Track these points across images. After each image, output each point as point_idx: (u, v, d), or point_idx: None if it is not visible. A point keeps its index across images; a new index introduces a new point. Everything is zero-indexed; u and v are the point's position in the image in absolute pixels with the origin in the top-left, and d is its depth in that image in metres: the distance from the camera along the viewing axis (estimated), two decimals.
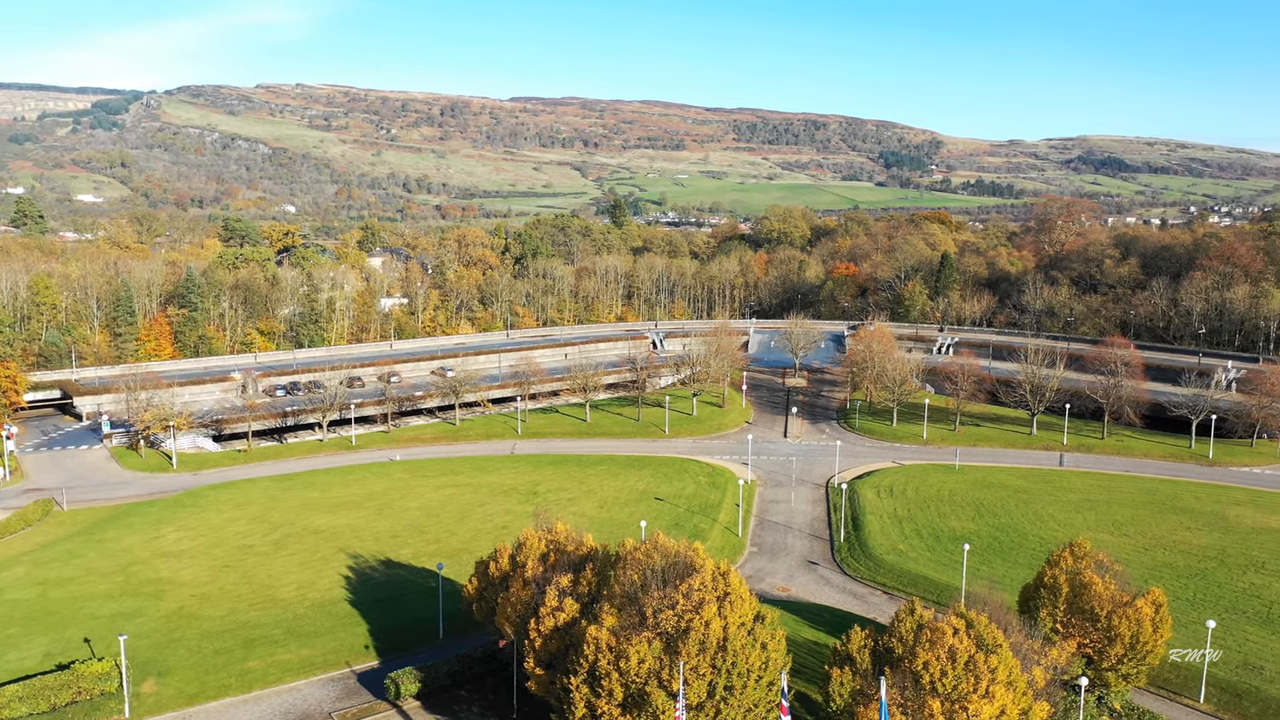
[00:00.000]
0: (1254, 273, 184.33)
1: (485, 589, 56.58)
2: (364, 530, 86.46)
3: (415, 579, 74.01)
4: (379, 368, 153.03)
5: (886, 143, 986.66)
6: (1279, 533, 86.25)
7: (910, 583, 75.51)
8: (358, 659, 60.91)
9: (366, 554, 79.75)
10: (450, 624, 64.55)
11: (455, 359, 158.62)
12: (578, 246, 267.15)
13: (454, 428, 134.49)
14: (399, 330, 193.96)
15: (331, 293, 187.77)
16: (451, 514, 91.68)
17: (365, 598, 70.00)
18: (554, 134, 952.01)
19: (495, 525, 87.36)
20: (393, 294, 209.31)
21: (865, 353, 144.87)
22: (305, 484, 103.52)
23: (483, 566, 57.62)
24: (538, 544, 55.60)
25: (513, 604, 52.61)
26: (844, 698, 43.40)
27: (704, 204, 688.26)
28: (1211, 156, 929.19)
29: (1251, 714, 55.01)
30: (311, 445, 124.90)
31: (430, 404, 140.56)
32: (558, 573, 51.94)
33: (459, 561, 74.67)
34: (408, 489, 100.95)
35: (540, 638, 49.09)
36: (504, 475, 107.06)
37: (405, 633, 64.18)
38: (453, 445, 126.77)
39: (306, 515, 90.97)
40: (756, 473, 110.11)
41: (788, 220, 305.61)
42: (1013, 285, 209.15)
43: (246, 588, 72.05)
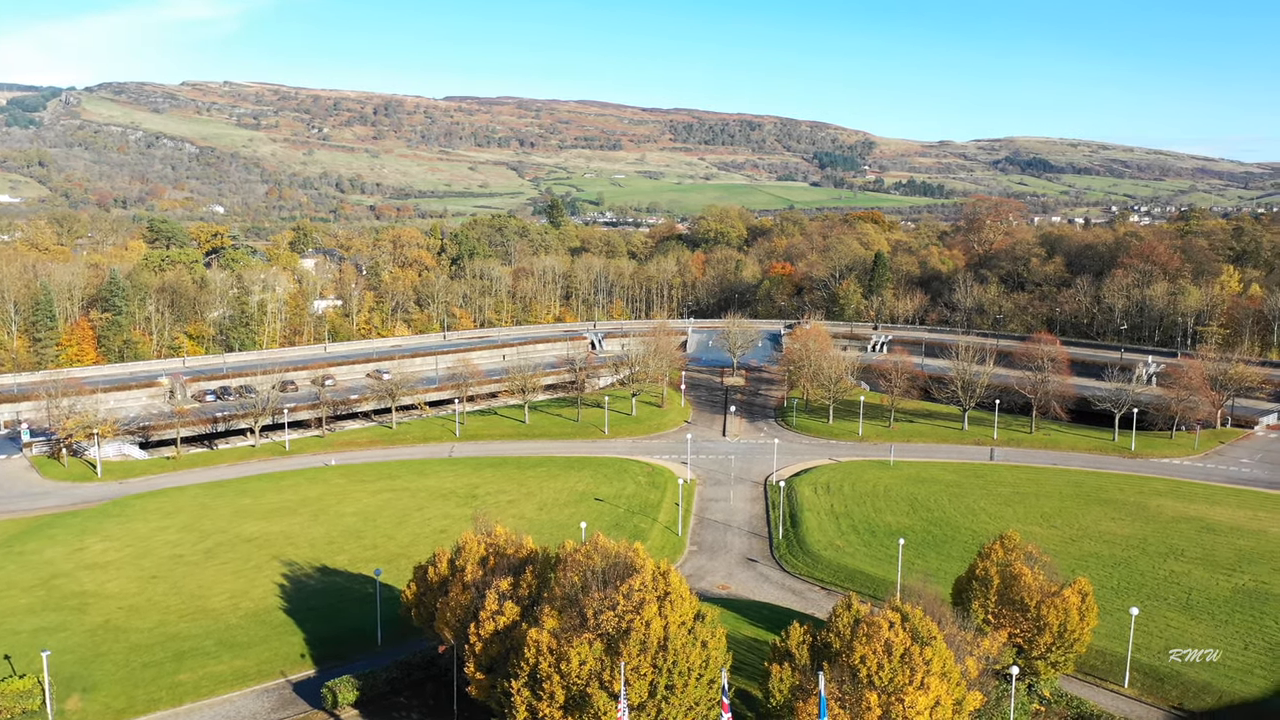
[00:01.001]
0: (1171, 270, 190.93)
1: (424, 594, 55.99)
2: (299, 537, 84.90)
3: (352, 585, 72.89)
4: (313, 371, 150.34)
5: (820, 143, 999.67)
6: (1197, 522, 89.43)
7: (847, 578, 76.63)
8: (293, 668, 59.80)
9: (301, 561, 78.33)
10: (389, 630, 63.74)
11: (391, 361, 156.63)
12: (515, 247, 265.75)
13: (391, 431, 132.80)
14: (333, 333, 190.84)
15: (263, 295, 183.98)
16: (389, 519, 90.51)
17: (300, 606, 68.74)
18: (490, 133, 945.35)
19: (434, 529, 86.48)
20: (326, 296, 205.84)
21: (802, 351, 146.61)
22: (237, 491, 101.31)
23: (421, 571, 57.02)
24: (477, 547, 55.22)
25: (452, 609, 52.17)
26: (783, 693, 43.89)
27: (641, 204, 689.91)
28: (1131, 158, 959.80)
29: (1172, 697, 56.98)
30: (243, 451, 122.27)
31: (366, 407, 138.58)
32: (497, 576, 51.65)
33: (397, 567, 73.76)
34: (344, 494, 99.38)
35: (480, 642, 48.76)
36: (442, 478, 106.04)
37: (342, 640, 63.20)
38: (389, 449, 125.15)
39: (239, 523, 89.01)
40: (696, 472, 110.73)
41: (724, 220, 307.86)
42: (944, 284, 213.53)
43: (176, 598, 70.25)
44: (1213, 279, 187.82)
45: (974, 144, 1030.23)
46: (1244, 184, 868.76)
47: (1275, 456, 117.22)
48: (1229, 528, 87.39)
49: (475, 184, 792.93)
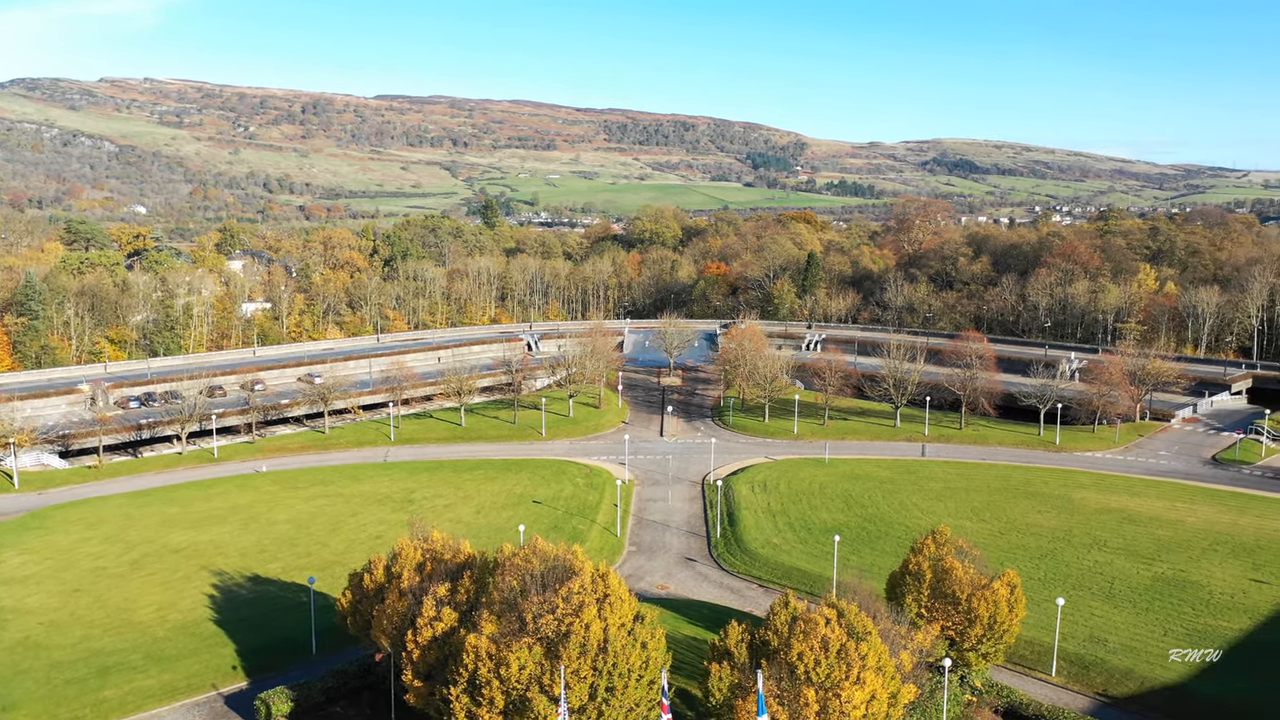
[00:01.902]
0: (1092, 269, 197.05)
1: (360, 602, 55.17)
2: (229, 546, 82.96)
3: (285, 594, 71.49)
4: (242, 376, 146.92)
5: (753, 144, 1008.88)
6: (1118, 513, 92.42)
7: (785, 575, 77.52)
8: (225, 681, 58.44)
9: (232, 571, 76.56)
10: (324, 639, 62.67)
11: (323, 365, 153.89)
12: (449, 248, 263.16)
13: (323, 436, 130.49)
14: (263, 336, 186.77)
15: (188, 298, 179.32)
16: (322, 525, 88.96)
17: (232, 616, 67.19)
18: (422, 133, 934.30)
19: (369, 536, 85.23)
20: (255, 298, 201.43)
21: (737, 351, 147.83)
22: (164, 499, 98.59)
23: (357, 579, 56.18)
24: (413, 553, 54.61)
25: (389, 616, 51.50)
26: (723, 692, 44.24)
27: (576, 204, 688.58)
28: (1053, 159, 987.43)
29: (1097, 684, 58.82)
30: (170, 459, 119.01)
31: (298, 412, 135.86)
32: (435, 582, 51.14)
33: (332, 574, 72.53)
34: (275, 501, 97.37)
35: (418, 649, 48.23)
36: (377, 483, 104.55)
37: (276, 651, 61.94)
38: (323, 454, 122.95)
39: (165, 533, 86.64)
40: (634, 472, 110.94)
41: (659, 221, 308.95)
42: (875, 283, 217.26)
43: (100, 612, 68.12)
44: (1131, 277, 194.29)
45: (903, 145, 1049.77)
46: (1159, 185, 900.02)
47: (1191, 449, 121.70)
48: (1148, 518, 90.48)
49: (408, 184, 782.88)
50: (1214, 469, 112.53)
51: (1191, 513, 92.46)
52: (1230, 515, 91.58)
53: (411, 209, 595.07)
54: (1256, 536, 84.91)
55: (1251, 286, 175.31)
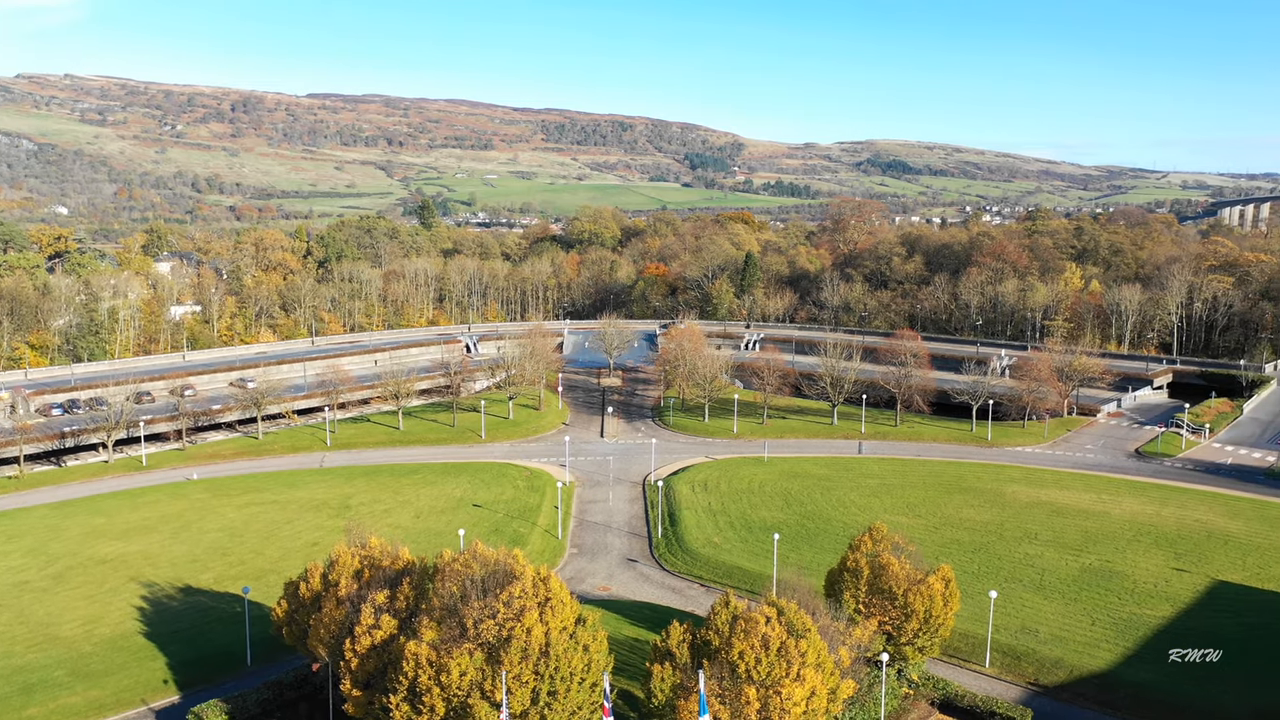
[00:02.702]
0: (1021, 268, 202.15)
1: (296, 611, 54.21)
2: (159, 556, 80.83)
3: (219, 605, 69.91)
4: (171, 381, 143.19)
5: (691, 144, 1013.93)
6: (1048, 506, 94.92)
7: (726, 574, 78.07)
8: (155, 695, 56.92)
9: (162, 582, 74.61)
10: (259, 650, 61.43)
11: (256, 369, 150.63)
12: (385, 249, 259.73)
13: (257, 442, 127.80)
14: (192, 340, 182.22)
15: (113, 301, 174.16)
16: (256, 534, 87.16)
17: (162, 629, 65.48)
18: (356, 132, 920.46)
19: (305, 543, 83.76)
20: (184, 301, 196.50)
21: (677, 351, 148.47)
22: (89, 510, 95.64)
23: (293, 587, 55.20)
24: (351, 560, 53.82)
25: (326, 625, 50.69)
26: (665, 693, 44.40)
27: (514, 204, 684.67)
28: (983, 160, 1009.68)
29: (1029, 673, 60.35)
30: (96, 468, 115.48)
31: (230, 418, 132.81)
32: (373, 589, 50.47)
33: (267, 583, 71.14)
34: (207, 509, 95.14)
35: (357, 658, 47.56)
36: (313, 490, 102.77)
37: (209, 663, 60.54)
38: (256, 460, 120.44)
39: (91, 544, 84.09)
40: (575, 474, 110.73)
41: (598, 221, 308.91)
42: (812, 282, 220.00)
43: (22, 628, 65.86)
44: (1057, 276, 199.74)
45: (838, 146, 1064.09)
46: (1083, 185, 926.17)
47: (1115, 442, 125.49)
48: (1076, 511, 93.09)
49: (342, 184, 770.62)
50: (1137, 462, 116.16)
51: (1116, 505, 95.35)
52: (1153, 506, 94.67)
53: (346, 209, 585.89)
54: (1177, 527, 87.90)
55: (1171, 284, 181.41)
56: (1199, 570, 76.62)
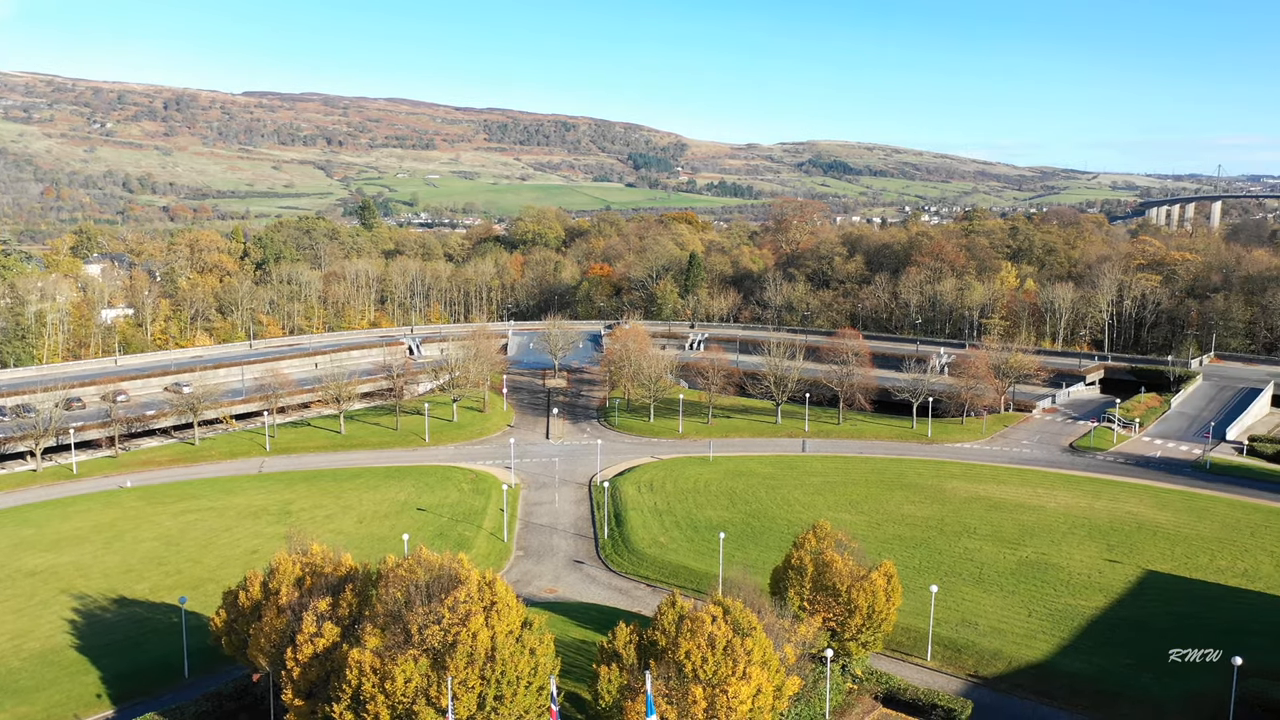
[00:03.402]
0: (958, 268, 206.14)
1: (235, 620, 53.14)
2: (91, 567, 78.62)
3: (154, 616, 68.21)
4: (102, 386, 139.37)
5: (634, 145, 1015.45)
6: (986, 501, 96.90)
7: (672, 574, 78.33)
8: (89, 710, 55.37)
9: (95, 593, 72.59)
10: (197, 661, 60.10)
11: (192, 373, 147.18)
12: (325, 250, 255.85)
13: (193, 448, 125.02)
14: (125, 344, 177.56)
15: (41, 305, 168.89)
16: (193, 542, 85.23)
17: (95, 642, 63.70)
18: (294, 131, 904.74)
19: (244, 551, 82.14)
20: (116, 305, 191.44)
21: (622, 351, 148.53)
22: (17, 520, 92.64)
23: (231, 596, 54.09)
24: (292, 568, 52.93)
25: (266, 634, 49.78)
26: (612, 694, 44.40)
27: (457, 205, 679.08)
28: (921, 161, 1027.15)
29: (969, 665, 61.54)
30: (23, 477, 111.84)
31: (165, 423, 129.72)
32: (315, 596, 49.70)
33: (204, 593, 69.63)
34: (142, 518, 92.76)
35: (299, 667, 46.79)
36: (252, 496, 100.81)
37: (145, 675, 59.06)
38: (193, 467, 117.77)
39: (19, 556, 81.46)
40: (520, 476, 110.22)
41: (542, 221, 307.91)
42: (755, 282, 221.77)
43: None
44: (993, 275, 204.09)
45: (779, 147, 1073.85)
46: (1018, 186, 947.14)
47: (1050, 437, 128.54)
48: (1013, 505, 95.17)
49: (280, 184, 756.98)
50: (1071, 456, 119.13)
51: (1052, 498, 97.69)
52: (1086, 500, 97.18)
53: (284, 210, 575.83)
54: (1110, 519, 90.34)
55: (1102, 283, 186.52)
56: (1130, 561, 78.85)
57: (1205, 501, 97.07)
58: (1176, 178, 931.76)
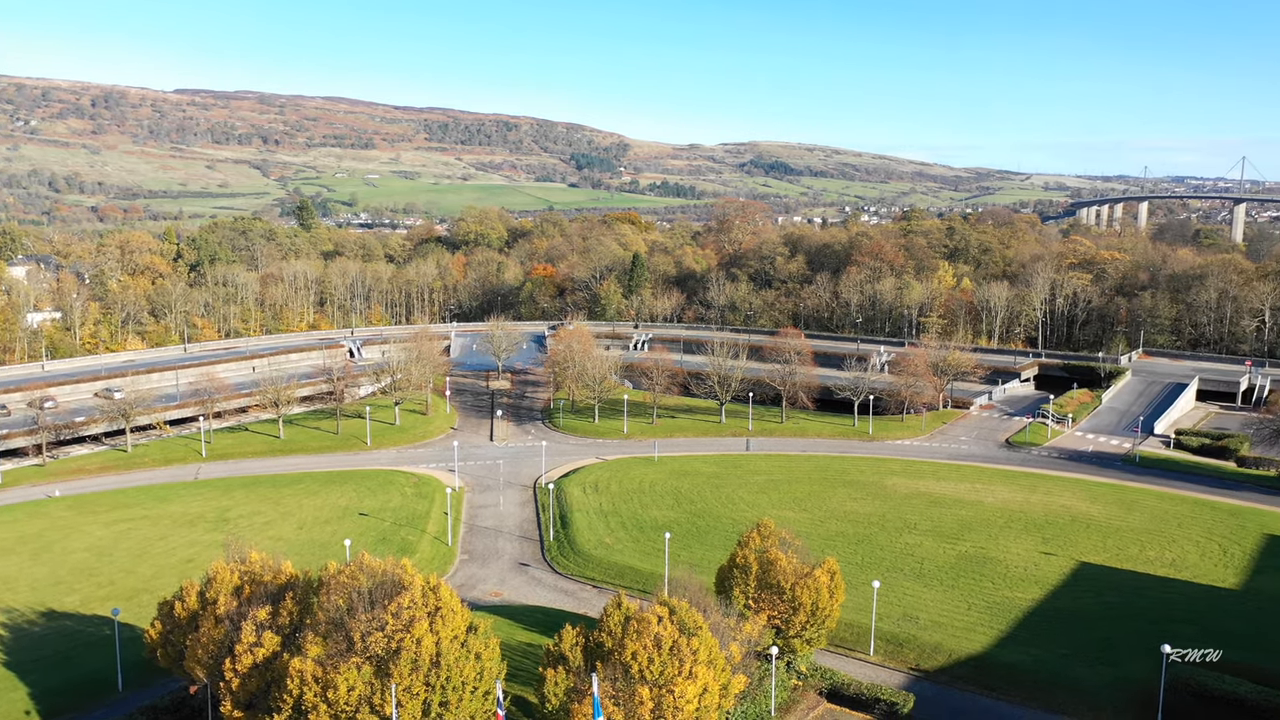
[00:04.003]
0: (897, 267, 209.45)
1: (171, 631, 51.88)
2: (17, 580, 76.10)
3: (86, 629, 66.30)
4: (28, 393, 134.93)
5: (577, 145, 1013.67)
6: (926, 497, 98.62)
7: (618, 575, 78.34)
8: None
9: (22, 607, 70.29)
10: (131, 674, 58.55)
11: (124, 378, 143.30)
12: (262, 251, 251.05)
13: (126, 455, 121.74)
14: (52, 349, 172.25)
15: None
16: (127, 552, 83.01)
17: (23, 657, 61.70)
18: (229, 130, 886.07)
19: (180, 560, 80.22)
20: (42, 308, 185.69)
21: (566, 352, 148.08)
22: None
23: (167, 607, 52.79)
24: (230, 576, 51.85)
25: (204, 644, 48.69)
26: (559, 697, 44.28)
27: (398, 205, 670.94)
28: (860, 162, 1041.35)
29: (911, 659, 62.57)
30: None
31: (96, 430, 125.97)
32: (254, 605, 48.74)
33: (139, 604, 67.90)
34: (71, 528, 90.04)
35: (238, 677, 45.85)
36: (188, 503, 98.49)
37: (77, 690, 57.39)
38: (125, 474, 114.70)
39: None
40: (464, 479, 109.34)
41: (484, 222, 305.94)
42: (699, 282, 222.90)
43: None
44: (931, 274, 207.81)
45: (721, 147, 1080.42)
46: (954, 186, 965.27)
47: (987, 433, 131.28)
48: (952, 500, 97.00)
49: (214, 184, 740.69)
50: (1007, 451, 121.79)
51: (989, 493, 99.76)
52: (1022, 494, 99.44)
53: (219, 210, 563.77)
54: (1045, 512, 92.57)
55: (1035, 282, 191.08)
56: (1064, 553, 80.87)
57: (1135, 494, 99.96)
58: (1105, 179, 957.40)
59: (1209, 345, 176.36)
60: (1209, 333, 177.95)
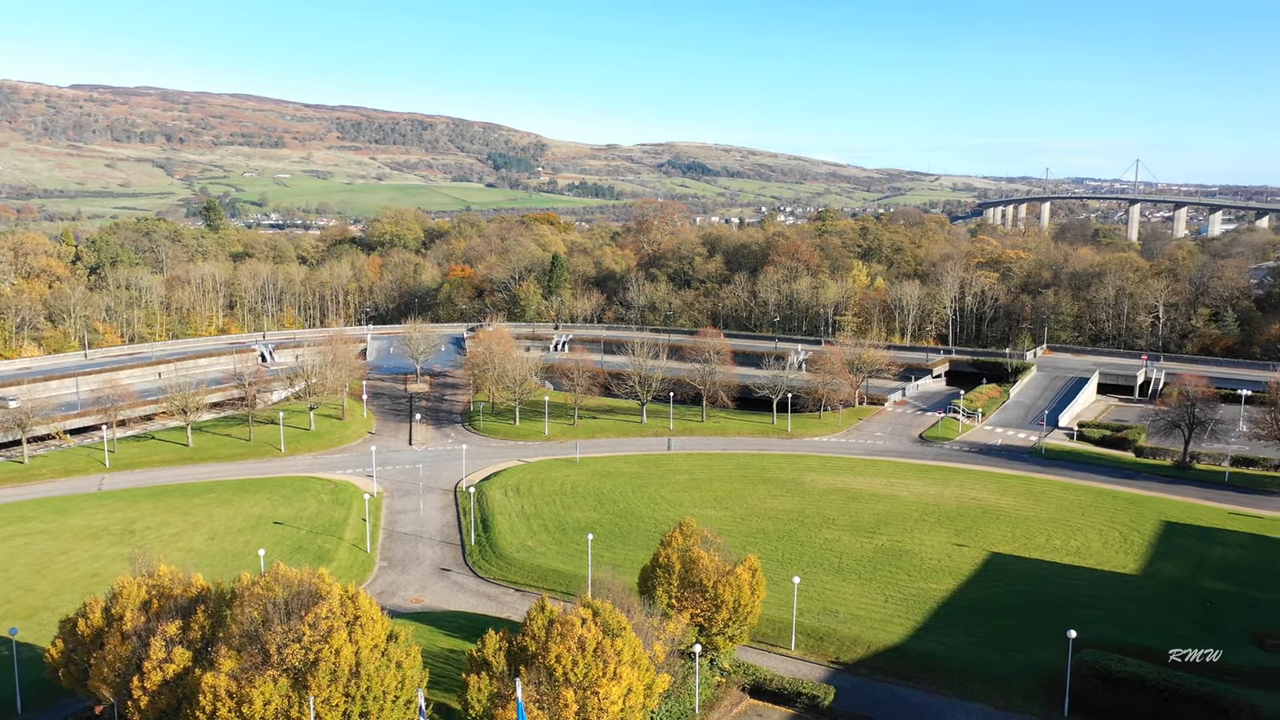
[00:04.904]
0: (813, 267, 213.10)
1: (74, 650, 49.77)
2: None
3: None
4: None
5: (494, 145, 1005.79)
6: (844, 492, 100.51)
7: (541, 578, 77.95)
8: None
9: None
10: (32, 695, 56.03)
11: (19, 386, 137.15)
12: (168, 253, 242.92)
13: (22, 466, 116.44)
14: None
15: None
16: (24, 568, 79.39)
17: None
18: (130, 127, 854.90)
19: (83, 575, 77.07)
20: None
21: (485, 354, 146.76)
22: None
23: (70, 624, 50.63)
24: (137, 591, 50.01)
25: (110, 662, 46.89)
26: (482, 703, 43.89)
27: (310, 205, 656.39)
28: (776, 163, 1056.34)
29: (831, 653, 63.71)
30: None
31: None
32: (163, 620, 47.15)
33: (39, 622, 65.05)
34: None
35: (147, 695, 44.31)
36: (90, 516, 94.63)
37: None
38: (21, 486, 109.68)
39: None
40: (383, 484, 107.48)
41: (400, 222, 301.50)
42: (618, 283, 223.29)
43: None
44: (846, 274, 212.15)
45: (639, 148, 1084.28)
46: (867, 187, 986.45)
47: (901, 429, 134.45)
48: (869, 495, 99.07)
49: (115, 183, 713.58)
50: (921, 446, 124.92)
51: (904, 487, 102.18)
52: (935, 487, 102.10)
53: (121, 210, 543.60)
54: (957, 505, 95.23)
55: (945, 280, 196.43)
56: (976, 544, 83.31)
57: (1042, 485, 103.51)
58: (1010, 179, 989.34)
59: (1108, 340, 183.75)
60: (1108, 328, 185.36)
